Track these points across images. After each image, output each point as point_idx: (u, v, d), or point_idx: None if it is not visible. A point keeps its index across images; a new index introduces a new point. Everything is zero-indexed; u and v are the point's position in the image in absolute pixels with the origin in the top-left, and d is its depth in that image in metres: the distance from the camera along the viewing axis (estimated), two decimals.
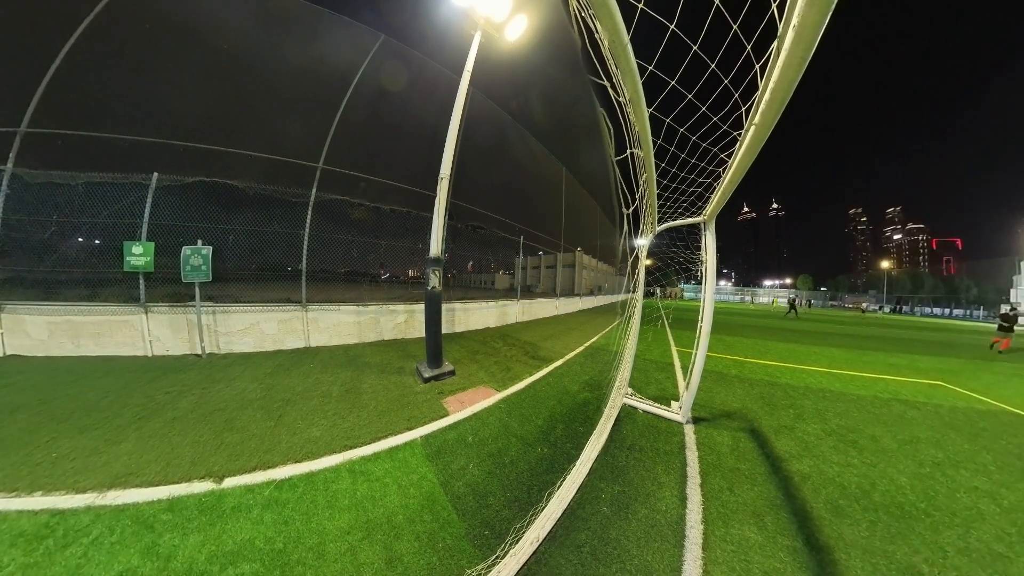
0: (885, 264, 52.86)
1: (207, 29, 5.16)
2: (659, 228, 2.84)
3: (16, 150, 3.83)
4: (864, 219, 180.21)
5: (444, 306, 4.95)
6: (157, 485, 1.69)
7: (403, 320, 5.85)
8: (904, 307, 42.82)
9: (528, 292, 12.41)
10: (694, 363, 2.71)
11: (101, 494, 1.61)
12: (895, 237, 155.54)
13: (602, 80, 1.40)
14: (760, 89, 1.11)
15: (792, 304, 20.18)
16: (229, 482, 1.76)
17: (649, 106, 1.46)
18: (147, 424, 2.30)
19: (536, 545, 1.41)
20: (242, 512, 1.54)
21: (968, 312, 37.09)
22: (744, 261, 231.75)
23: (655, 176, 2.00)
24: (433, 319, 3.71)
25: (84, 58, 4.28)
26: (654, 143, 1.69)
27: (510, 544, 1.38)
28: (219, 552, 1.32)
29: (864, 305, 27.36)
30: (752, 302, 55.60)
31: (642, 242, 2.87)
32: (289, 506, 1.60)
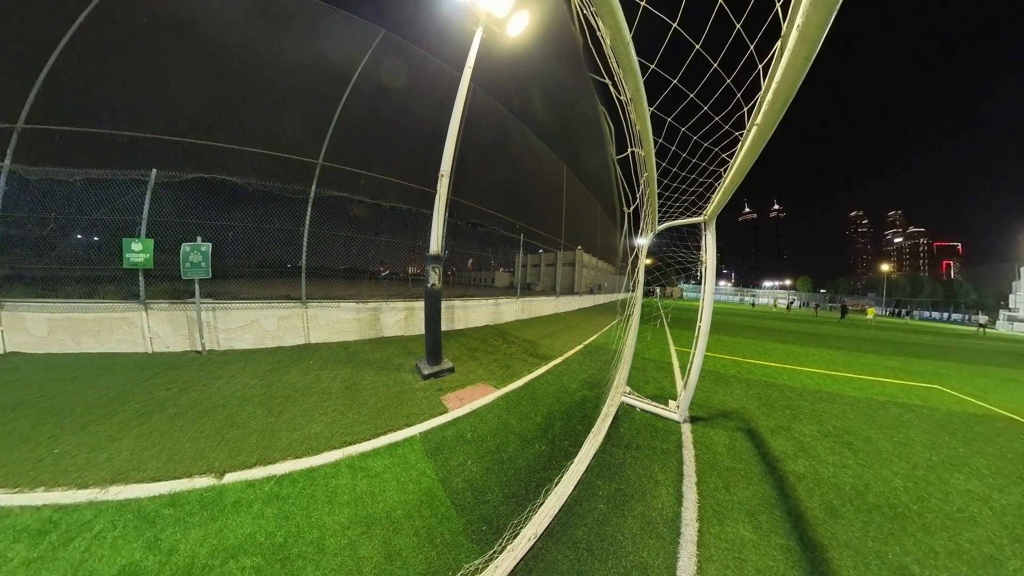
0: (885, 267, 52.67)
1: (206, 24, 5.10)
2: (659, 227, 2.83)
3: (13, 146, 3.80)
4: (865, 222, 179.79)
5: (444, 303, 4.95)
6: (159, 480, 1.71)
7: (403, 317, 5.86)
8: (903, 310, 42.68)
9: (528, 290, 12.41)
10: (692, 362, 2.72)
11: (103, 490, 1.62)
12: (896, 240, 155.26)
13: (603, 78, 1.39)
14: (763, 89, 1.10)
15: (845, 309, 17.23)
16: (230, 477, 1.77)
17: (650, 105, 1.45)
18: (148, 420, 2.32)
19: (533, 541, 1.42)
20: (243, 507, 1.55)
21: (967, 317, 37.08)
22: (744, 261, 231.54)
23: (656, 175, 1.99)
24: (433, 316, 3.72)
25: (81, 53, 4.24)
26: (655, 142, 1.69)
27: (508, 540, 1.39)
28: (220, 546, 1.33)
29: (984, 319, 18.63)
30: (776, 304, 46.86)
31: (642, 241, 2.87)
32: (289, 501, 1.61)
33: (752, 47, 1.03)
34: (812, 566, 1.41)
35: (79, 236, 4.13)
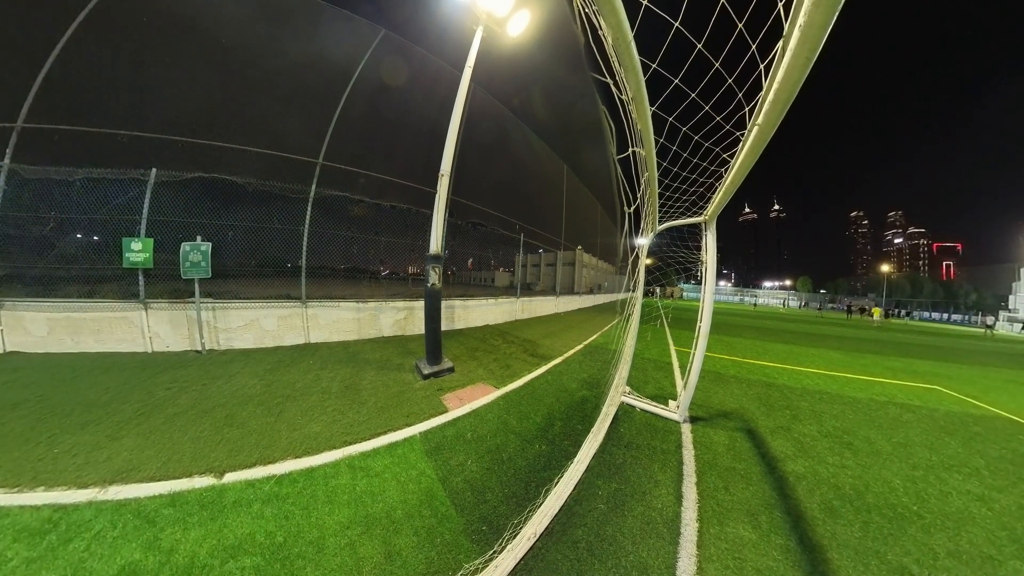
0: (885, 268, 52.66)
1: (206, 23, 5.09)
2: (660, 227, 2.83)
3: (13, 146, 3.79)
4: (865, 222, 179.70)
5: (444, 303, 4.95)
6: (158, 480, 1.71)
7: (403, 317, 5.86)
8: (902, 311, 42.72)
9: (528, 290, 12.40)
10: (692, 362, 2.72)
11: (103, 489, 1.62)
12: (896, 241, 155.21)
13: (605, 77, 1.39)
14: (764, 89, 1.10)
15: (862, 309, 17.47)
16: (230, 477, 1.77)
17: (652, 104, 1.45)
18: (148, 420, 2.32)
19: (533, 541, 1.42)
20: (243, 507, 1.55)
21: (967, 317, 37.07)
22: (744, 262, 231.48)
23: (657, 175, 1.99)
24: (433, 316, 3.72)
25: (81, 52, 4.23)
26: (656, 142, 1.68)
27: (508, 539, 1.39)
28: (220, 546, 1.33)
29: (991, 320, 18.00)
30: (785, 305, 49.17)
31: (643, 241, 2.87)
32: (289, 501, 1.61)
33: (754, 47, 1.02)
34: (812, 566, 1.41)
35: (79, 235, 4.12)
